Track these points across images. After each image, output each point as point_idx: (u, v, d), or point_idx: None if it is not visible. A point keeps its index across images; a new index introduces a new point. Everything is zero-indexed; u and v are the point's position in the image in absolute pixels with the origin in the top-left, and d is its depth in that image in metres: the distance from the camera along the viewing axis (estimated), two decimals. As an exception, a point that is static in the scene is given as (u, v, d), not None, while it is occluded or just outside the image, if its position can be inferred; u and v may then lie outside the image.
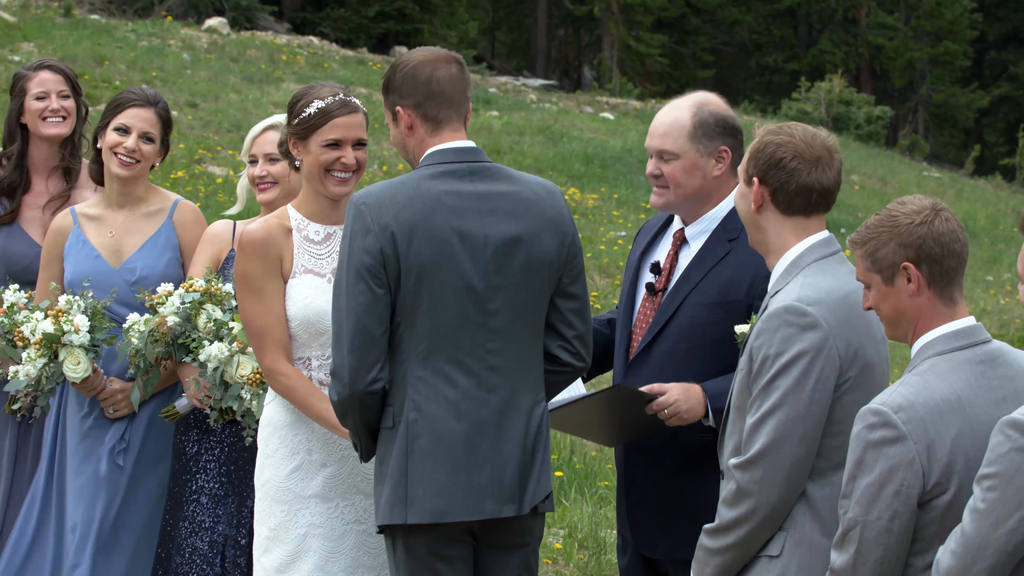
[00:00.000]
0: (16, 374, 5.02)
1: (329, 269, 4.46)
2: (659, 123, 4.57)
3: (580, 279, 4.15)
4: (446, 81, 4.10)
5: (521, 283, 4.05)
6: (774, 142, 3.87)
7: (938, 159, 33.85)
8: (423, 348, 3.99)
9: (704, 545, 3.84)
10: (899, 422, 3.44)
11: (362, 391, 3.96)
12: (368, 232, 3.95)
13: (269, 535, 4.39)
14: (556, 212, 4.12)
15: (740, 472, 3.72)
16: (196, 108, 17.21)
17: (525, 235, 4.05)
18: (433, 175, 4.04)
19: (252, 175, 5.21)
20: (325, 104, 4.43)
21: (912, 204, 3.60)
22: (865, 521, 3.46)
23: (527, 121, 20.79)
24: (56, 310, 5.01)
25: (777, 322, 3.71)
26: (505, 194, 4.08)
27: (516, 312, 4.05)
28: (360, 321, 3.94)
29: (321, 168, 4.43)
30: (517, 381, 4.06)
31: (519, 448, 4.04)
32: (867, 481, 3.46)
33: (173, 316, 4.94)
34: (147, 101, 5.25)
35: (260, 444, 4.49)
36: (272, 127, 5.19)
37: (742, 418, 3.80)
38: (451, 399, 3.99)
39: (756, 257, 4.41)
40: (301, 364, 4.44)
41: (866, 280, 3.62)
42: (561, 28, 43.66)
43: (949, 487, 3.45)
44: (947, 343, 3.56)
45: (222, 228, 5.23)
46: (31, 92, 5.56)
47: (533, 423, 4.08)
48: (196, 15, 25.50)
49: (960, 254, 3.57)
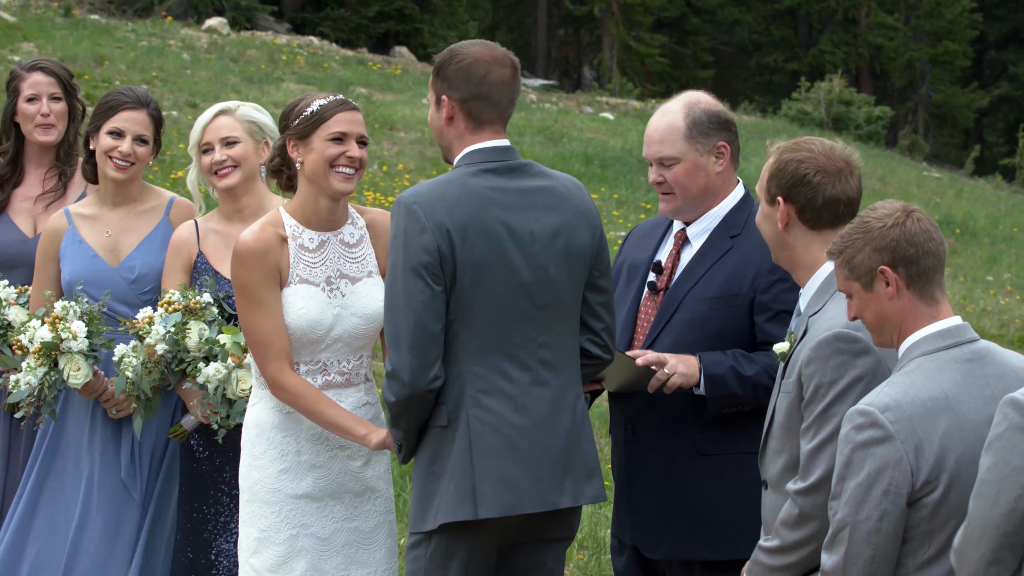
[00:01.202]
0: (17, 383, 5.01)
1: (322, 278, 4.46)
2: (654, 130, 4.57)
3: (608, 273, 4.20)
4: (498, 84, 4.10)
5: (564, 276, 4.08)
6: (795, 159, 3.90)
7: (938, 159, 33.84)
8: (478, 345, 4.00)
9: (763, 562, 3.87)
10: (886, 422, 3.46)
11: (423, 390, 3.96)
12: (424, 230, 3.95)
13: (259, 536, 4.40)
14: (586, 206, 4.18)
15: (803, 498, 3.76)
16: (196, 108, 17.19)
17: (563, 228, 4.09)
18: (476, 173, 4.06)
19: (209, 163, 5.13)
20: (326, 102, 4.44)
21: (883, 208, 3.63)
22: (854, 522, 3.49)
23: (527, 121, 20.77)
24: (53, 317, 4.99)
25: (829, 350, 3.74)
26: (542, 189, 4.11)
27: (561, 305, 4.09)
28: (420, 319, 3.94)
29: (326, 163, 4.41)
30: (564, 374, 4.11)
31: (567, 440, 4.07)
32: (855, 482, 3.48)
33: (162, 344, 4.90)
34: (139, 103, 5.23)
35: (246, 446, 4.49)
36: (223, 111, 5.16)
37: (790, 437, 3.85)
38: (509, 394, 4.01)
39: (759, 252, 4.42)
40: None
41: (846, 289, 3.65)
42: (561, 28, 43.65)
43: (938, 485, 3.47)
44: (933, 343, 3.58)
45: (186, 232, 5.16)
46: (23, 93, 5.55)
47: (578, 416, 4.12)
48: (196, 15, 25.50)
49: (936, 253, 3.59)
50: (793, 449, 3.86)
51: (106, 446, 5.20)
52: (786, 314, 4.40)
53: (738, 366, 4.38)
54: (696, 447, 4.50)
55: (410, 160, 16.90)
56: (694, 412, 4.48)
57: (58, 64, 5.70)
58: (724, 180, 4.58)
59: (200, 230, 5.14)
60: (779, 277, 4.43)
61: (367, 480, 4.50)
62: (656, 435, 4.55)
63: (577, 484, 4.08)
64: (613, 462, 4.74)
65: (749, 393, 4.39)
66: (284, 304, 4.41)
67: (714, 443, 4.49)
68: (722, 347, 4.46)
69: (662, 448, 4.54)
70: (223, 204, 5.17)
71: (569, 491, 4.06)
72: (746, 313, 4.46)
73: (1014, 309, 15.25)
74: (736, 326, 4.47)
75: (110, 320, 5.16)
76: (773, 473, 3.94)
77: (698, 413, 4.48)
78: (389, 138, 17.73)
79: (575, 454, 4.09)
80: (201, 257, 5.11)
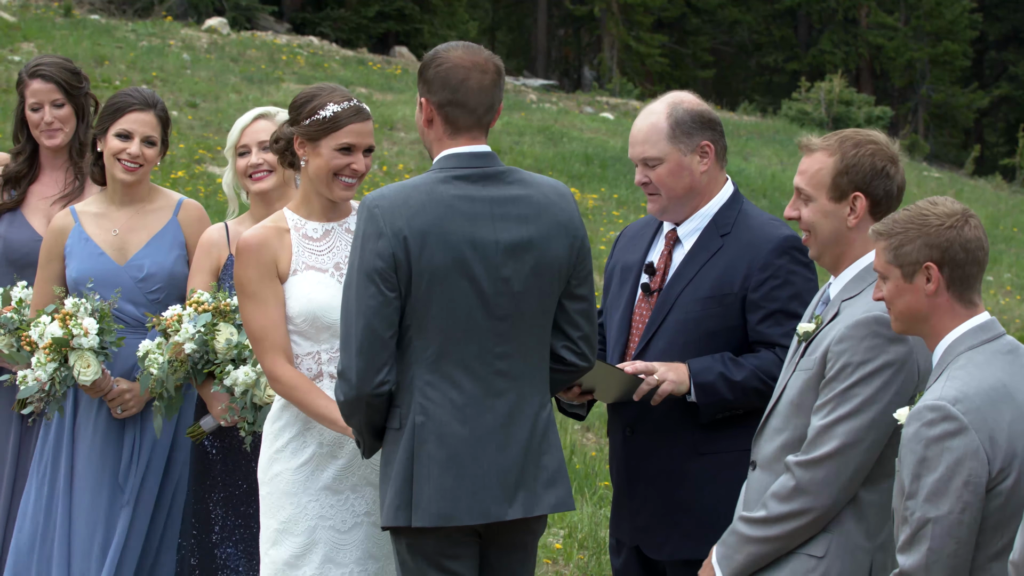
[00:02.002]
0: (26, 379, 5.01)
1: (331, 264, 4.47)
2: (637, 131, 4.58)
3: (588, 281, 4.17)
4: (475, 91, 4.08)
5: (530, 288, 4.06)
6: (866, 152, 3.93)
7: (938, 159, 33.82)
8: (432, 352, 4.00)
9: (741, 532, 3.87)
10: (959, 413, 3.47)
11: (369, 393, 3.97)
12: (381, 236, 3.95)
13: (279, 528, 4.40)
14: (567, 216, 4.13)
15: (801, 470, 3.77)
16: (196, 108, 17.19)
17: (536, 240, 4.06)
18: (446, 179, 4.04)
19: (244, 165, 5.15)
20: (341, 109, 4.42)
21: (943, 206, 3.64)
22: (936, 517, 3.47)
23: (527, 121, 20.76)
24: (64, 313, 5.00)
25: (865, 331, 3.77)
26: (517, 198, 4.08)
27: (524, 316, 4.06)
28: (369, 324, 3.95)
29: (330, 172, 4.43)
30: (523, 385, 4.08)
31: (523, 452, 4.06)
32: (933, 477, 3.47)
33: (190, 343, 4.90)
34: (146, 104, 5.22)
35: (268, 438, 4.49)
36: (262, 116, 5.17)
37: (799, 415, 3.85)
38: (457, 404, 4.01)
39: (749, 250, 4.44)
40: (311, 359, 4.44)
41: (884, 271, 3.65)
42: (561, 28, 43.62)
43: (1011, 472, 3.49)
44: (975, 337, 3.61)
45: (216, 235, 5.19)
46: (27, 101, 5.53)
47: (539, 426, 4.10)
48: (196, 15, 25.47)
49: (982, 262, 3.62)
50: (798, 428, 3.86)
51: (106, 446, 5.20)
52: (780, 314, 4.41)
53: (727, 372, 4.39)
54: (695, 447, 4.51)
55: (410, 160, 16.89)
56: (692, 412, 4.48)
57: (58, 66, 5.60)
58: (710, 179, 4.59)
59: (230, 233, 5.17)
60: (770, 275, 4.43)
61: None
62: (655, 436, 4.55)
63: (532, 495, 4.08)
64: (612, 464, 4.74)
65: (740, 397, 4.41)
66: (290, 292, 4.43)
67: (713, 442, 4.50)
68: (716, 347, 4.46)
69: (662, 449, 4.54)
70: (255, 208, 5.18)
71: (520, 503, 4.06)
72: (738, 312, 4.47)
73: (1014, 309, 15.25)
74: (729, 325, 4.47)
75: (117, 319, 5.16)
76: (767, 452, 3.93)
77: (695, 414, 4.48)
78: (389, 138, 17.72)
79: (532, 464, 4.08)
80: (231, 260, 5.11)
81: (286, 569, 4.37)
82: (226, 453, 5.03)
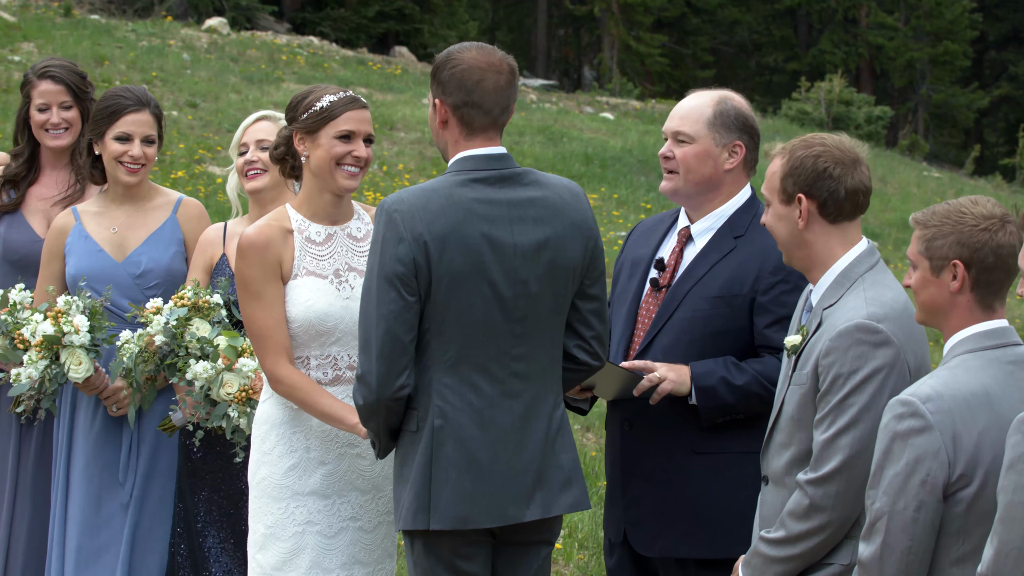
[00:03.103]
0: (18, 376, 5.02)
1: (331, 270, 4.47)
2: (680, 107, 4.64)
3: (600, 281, 4.18)
4: (491, 92, 4.08)
5: (546, 288, 4.07)
6: (810, 155, 3.91)
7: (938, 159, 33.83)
8: (450, 356, 4.01)
9: (764, 553, 3.87)
10: (927, 412, 3.47)
11: (389, 397, 3.98)
12: (401, 240, 3.95)
13: (266, 532, 4.40)
14: (581, 216, 4.14)
15: (813, 488, 3.77)
16: (196, 108, 17.19)
17: (552, 241, 4.07)
18: (464, 182, 4.04)
19: (241, 163, 5.19)
20: (337, 98, 4.44)
21: (983, 207, 3.62)
22: (892, 511, 3.48)
23: (527, 121, 20.76)
24: (55, 311, 5.01)
25: (849, 340, 3.76)
26: (533, 200, 4.09)
27: (540, 317, 4.07)
28: (390, 328, 3.95)
29: (332, 161, 4.43)
30: (538, 385, 4.09)
31: (539, 452, 4.08)
32: (894, 471, 3.48)
33: (160, 335, 4.93)
34: (140, 103, 5.24)
35: (255, 442, 4.50)
36: (265, 117, 5.23)
37: (801, 430, 3.85)
38: (476, 407, 4.02)
39: (761, 253, 4.44)
40: (300, 364, 4.44)
41: (915, 260, 3.65)
42: (561, 28, 43.64)
43: (974, 479, 3.47)
44: (978, 341, 3.59)
45: (213, 234, 5.25)
46: (34, 102, 5.54)
47: (553, 426, 4.12)
48: (196, 15, 25.49)
49: (1011, 269, 3.59)
50: (803, 442, 3.86)
51: (104, 446, 5.20)
52: (787, 320, 4.41)
53: (729, 376, 4.40)
54: (693, 445, 4.51)
55: (410, 160, 16.90)
56: (691, 411, 4.48)
57: (68, 69, 5.62)
58: (732, 179, 4.60)
59: (227, 232, 5.21)
60: (781, 279, 4.43)
61: (374, 479, 4.50)
62: (653, 433, 4.55)
63: (549, 496, 4.09)
64: (607, 459, 4.74)
65: (741, 402, 4.41)
66: (289, 297, 4.43)
67: (711, 442, 4.50)
68: (721, 347, 4.46)
69: (659, 446, 4.54)
70: (251, 208, 5.23)
71: (538, 504, 4.07)
72: (746, 314, 4.47)
73: (1014, 309, 15.25)
74: (737, 326, 4.47)
75: (113, 315, 5.18)
76: (777, 467, 3.94)
77: (694, 412, 4.48)
78: (389, 138, 17.72)
79: (549, 464, 4.10)
80: (223, 259, 5.17)
81: (273, 573, 4.38)
82: (207, 451, 5.06)
